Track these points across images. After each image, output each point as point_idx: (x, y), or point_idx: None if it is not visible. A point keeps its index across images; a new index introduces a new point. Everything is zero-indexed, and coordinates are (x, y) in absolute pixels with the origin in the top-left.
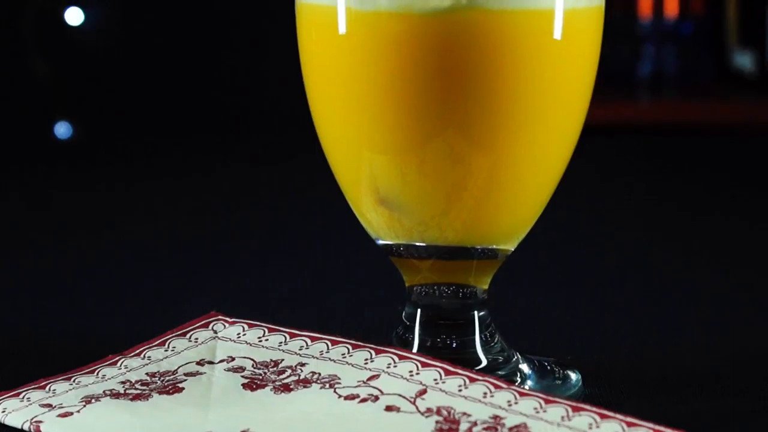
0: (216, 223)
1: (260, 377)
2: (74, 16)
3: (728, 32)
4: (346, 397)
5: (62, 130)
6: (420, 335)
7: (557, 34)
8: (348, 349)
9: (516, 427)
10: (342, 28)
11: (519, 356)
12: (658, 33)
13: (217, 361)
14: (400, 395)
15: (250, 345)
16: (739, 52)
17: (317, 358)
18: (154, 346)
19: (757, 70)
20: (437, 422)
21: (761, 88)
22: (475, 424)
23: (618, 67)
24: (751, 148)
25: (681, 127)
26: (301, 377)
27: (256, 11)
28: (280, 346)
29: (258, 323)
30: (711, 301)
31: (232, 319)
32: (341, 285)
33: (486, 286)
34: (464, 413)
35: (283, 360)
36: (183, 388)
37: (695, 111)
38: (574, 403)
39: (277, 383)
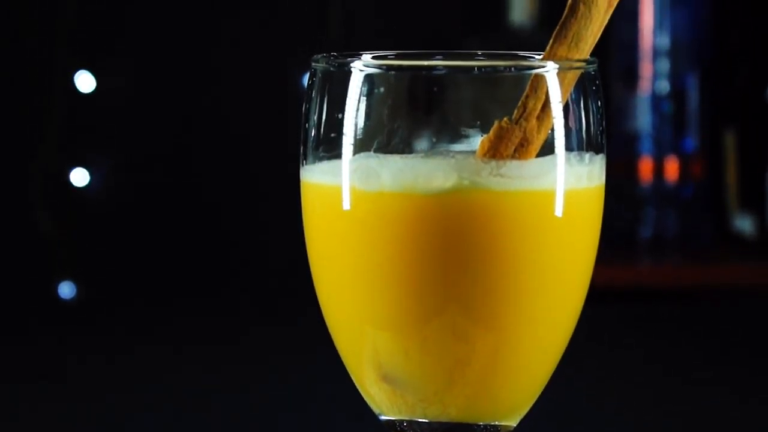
0: (216, 395)
1: None
2: (80, 178)
3: (728, 196)
4: None
5: (66, 290)
6: None
7: (558, 214)
8: None
9: None
10: (346, 206)
11: None
12: (658, 196)
13: None
14: None
15: None
16: (740, 215)
17: None
18: None
19: (757, 234)
20: None
21: (762, 251)
22: None
23: (619, 230)
24: (752, 312)
25: (682, 291)
26: None
27: (261, 182)
28: None
29: None
30: None
31: None
32: None
33: None
34: None
35: None
36: None
37: (696, 274)
38: None
39: None
